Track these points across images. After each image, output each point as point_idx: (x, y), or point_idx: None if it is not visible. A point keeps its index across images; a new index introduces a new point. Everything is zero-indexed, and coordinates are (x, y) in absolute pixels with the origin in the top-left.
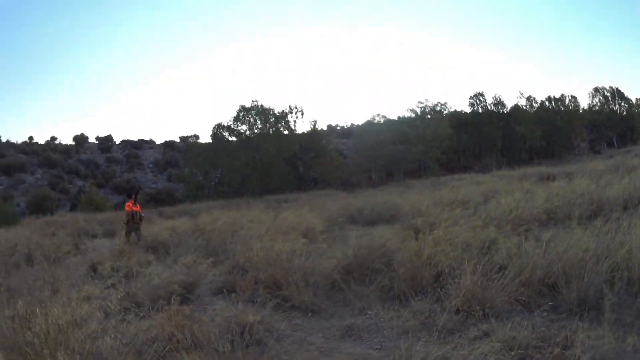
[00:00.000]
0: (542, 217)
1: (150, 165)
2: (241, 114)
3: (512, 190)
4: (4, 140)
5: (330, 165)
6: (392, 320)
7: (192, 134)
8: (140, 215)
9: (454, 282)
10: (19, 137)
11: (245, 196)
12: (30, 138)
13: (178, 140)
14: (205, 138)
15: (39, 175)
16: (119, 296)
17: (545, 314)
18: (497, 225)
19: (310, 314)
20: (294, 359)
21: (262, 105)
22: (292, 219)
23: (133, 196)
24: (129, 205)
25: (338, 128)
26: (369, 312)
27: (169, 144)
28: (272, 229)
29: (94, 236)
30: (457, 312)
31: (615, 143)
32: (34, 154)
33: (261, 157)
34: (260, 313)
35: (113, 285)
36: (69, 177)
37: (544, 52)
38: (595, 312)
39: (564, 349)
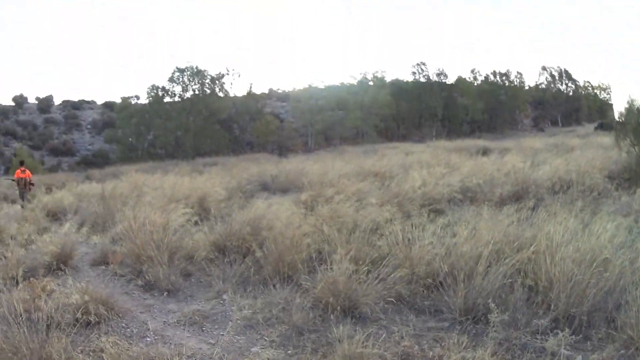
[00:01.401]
0: (457, 197)
1: (89, 127)
2: (176, 75)
3: (437, 162)
4: None
5: (266, 129)
6: (243, 309)
7: (134, 95)
8: (25, 182)
9: (322, 269)
10: None
11: (177, 159)
12: None
13: (119, 101)
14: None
15: None
16: None
17: (421, 320)
18: (399, 203)
19: (166, 294)
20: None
21: (197, 67)
22: (196, 185)
23: (21, 164)
24: (17, 172)
25: (279, 91)
26: (224, 296)
27: (108, 105)
28: (168, 195)
29: (14, 201)
30: (316, 307)
31: (559, 122)
32: None
33: (194, 119)
34: (119, 289)
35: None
36: (5, 139)
37: (493, 28)
38: (484, 325)
39: None
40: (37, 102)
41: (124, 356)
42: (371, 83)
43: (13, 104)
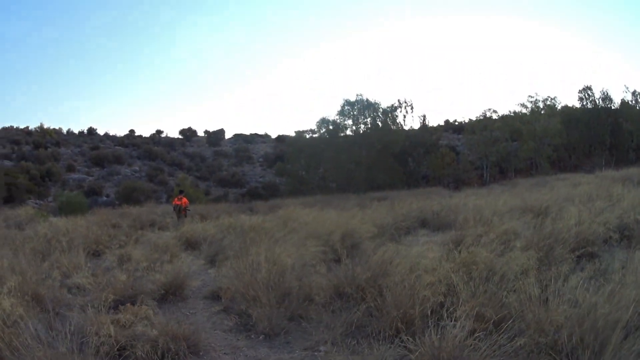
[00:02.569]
0: (613, 237)
1: (260, 159)
2: (345, 108)
3: (600, 195)
4: (101, 133)
5: (441, 162)
6: None
7: (308, 129)
8: (180, 208)
9: (435, 328)
10: (120, 131)
11: (349, 192)
12: (132, 131)
13: (293, 134)
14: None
15: (136, 168)
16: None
17: None
18: (549, 245)
19: (262, 337)
20: None
21: (367, 100)
22: (347, 220)
23: (180, 194)
24: (175, 199)
25: (456, 123)
26: (322, 348)
27: (281, 138)
28: (310, 231)
29: (160, 228)
30: None
31: None
32: (134, 146)
33: (367, 153)
34: (215, 326)
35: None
36: (170, 169)
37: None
38: None
39: None
40: (206, 135)
41: None
42: (542, 112)
43: (181, 136)
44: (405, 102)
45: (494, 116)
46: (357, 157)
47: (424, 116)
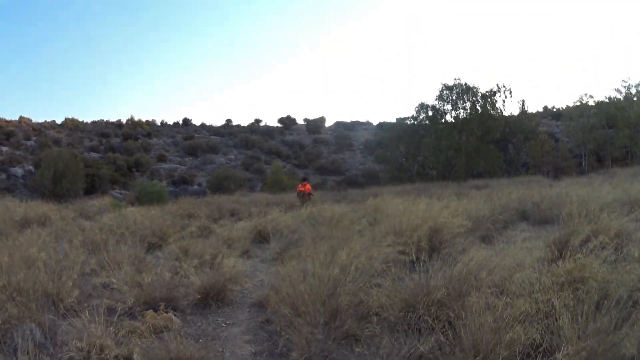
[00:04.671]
0: None
1: (361, 147)
2: (444, 93)
3: None
4: (197, 123)
5: (540, 149)
6: None
7: (410, 115)
8: (303, 194)
9: None
10: (217, 122)
11: (448, 180)
12: (228, 121)
13: (394, 121)
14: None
15: (232, 156)
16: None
17: None
18: None
19: None
20: None
21: (465, 84)
22: (438, 212)
23: (303, 180)
24: (299, 186)
25: (554, 110)
26: None
27: (383, 125)
28: (395, 224)
29: (240, 219)
30: None
31: None
32: (231, 135)
33: (467, 139)
34: (246, 346)
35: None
36: (268, 158)
37: None
38: None
39: None
40: (305, 123)
41: None
42: (635, 98)
43: (279, 125)
44: (504, 87)
45: (590, 102)
46: (456, 144)
47: (523, 101)
